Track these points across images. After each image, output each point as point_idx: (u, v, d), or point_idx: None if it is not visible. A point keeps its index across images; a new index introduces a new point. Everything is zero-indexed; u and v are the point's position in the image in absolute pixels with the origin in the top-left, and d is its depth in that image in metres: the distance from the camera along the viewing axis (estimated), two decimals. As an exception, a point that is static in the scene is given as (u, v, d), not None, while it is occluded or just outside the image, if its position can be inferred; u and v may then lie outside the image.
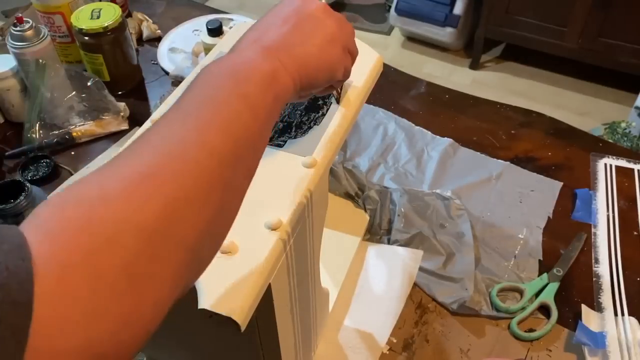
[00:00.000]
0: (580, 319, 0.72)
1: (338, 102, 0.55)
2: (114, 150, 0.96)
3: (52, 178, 0.92)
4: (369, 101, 0.98)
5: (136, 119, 1.02)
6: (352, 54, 0.47)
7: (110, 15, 1.00)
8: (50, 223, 0.26)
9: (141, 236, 0.27)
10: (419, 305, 0.76)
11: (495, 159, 0.94)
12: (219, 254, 0.42)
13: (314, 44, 0.42)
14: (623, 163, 0.92)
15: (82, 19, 0.99)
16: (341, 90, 0.55)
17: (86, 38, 1.00)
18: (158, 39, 1.19)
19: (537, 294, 0.75)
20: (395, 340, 0.72)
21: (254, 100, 0.35)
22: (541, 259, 0.80)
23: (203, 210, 0.31)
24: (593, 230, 0.83)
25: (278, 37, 0.41)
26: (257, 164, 0.37)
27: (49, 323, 0.23)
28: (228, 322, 0.39)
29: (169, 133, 0.32)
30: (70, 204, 0.27)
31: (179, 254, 0.29)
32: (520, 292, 0.76)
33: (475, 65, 2.42)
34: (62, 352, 0.24)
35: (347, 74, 0.48)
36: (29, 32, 0.94)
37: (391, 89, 1.07)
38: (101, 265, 0.25)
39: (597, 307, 0.74)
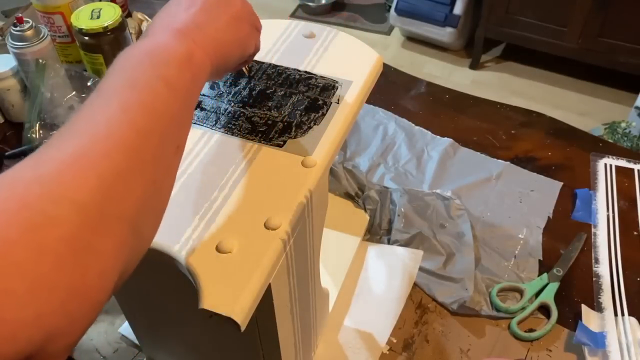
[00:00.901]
0: (580, 319, 0.72)
1: (249, 76, 0.58)
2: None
3: (52, 178, 0.92)
4: (369, 101, 0.98)
5: (136, 119, 1.02)
6: (258, 28, 0.50)
7: (110, 15, 1.00)
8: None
9: (79, 211, 0.28)
10: (419, 305, 0.76)
11: (495, 159, 0.94)
12: (219, 254, 0.43)
13: (223, 22, 0.44)
14: (623, 163, 0.92)
15: (82, 19, 0.99)
16: (250, 66, 0.58)
17: (86, 38, 1.00)
18: (158, 39, 1.19)
19: (537, 294, 0.75)
20: (395, 340, 0.72)
21: (173, 80, 0.37)
22: (541, 259, 0.80)
23: (136, 184, 0.32)
24: (593, 230, 0.83)
25: (189, 18, 0.42)
26: (184, 141, 0.39)
27: None
28: (228, 322, 0.39)
29: (94, 116, 0.33)
30: (5, 185, 0.28)
31: (118, 226, 0.30)
32: (520, 292, 0.76)
33: (475, 65, 2.42)
34: (11, 323, 0.24)
35: (257, 48, 0.51)
36: (29, 32, 0.94)
37: (391, 89, 1.07)
38: (43, 239, 0.26)
39: (597, 307, 0.74)
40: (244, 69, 0.57)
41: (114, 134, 0.32)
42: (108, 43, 1.01)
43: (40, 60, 0.95)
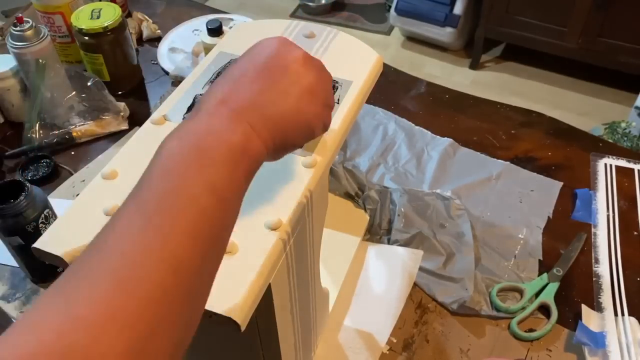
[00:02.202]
0: (580, 319, 0.72)
1: None
2: (113, 151, 0.96)
3: (52, 178, 0.92)
4: (369, 101, 0.98)
5: (136, 118, 1.02)
6: (331, 105, 0.43)
7: (110, 15, 1.00)
8: (30, 355, 0.24)
9: None
10: (419, 305, 0.76)
11: (495, 159, 0.94)
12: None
13: (290, 102, 0.38)
14: (623, 163, 0.92)
15: (82, 19, 0.99)
16: None
17: (86, 38, 1.00)
18: (158, 39, 1.19)
19: (537, 294, 0.75)
20: (395, 340, 0.72)
21: (222, 185, 0.32)
22: (541, 259, 0.80)
23: (174, 330, 0.29)
24: (593, 230, 0.83)
25: (249, 95, 0.36)
26: (228, 241, 0.34)
27: None
28: (228, 322, 0.39)
29: (128, 246, 0.28)
30: (46, 333, 0.25)
31: None
32: (520, 292, 0.76)
33: (475, 65, 2.42)
34: None
35: (325, 129, 0.43)
36: (29, 32, 0.94)
37: (391, 89, 1.07)
38: None
39: (597, 307, 0.74)
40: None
41: (149, 279, 0.28)
42: (108, 43, 1.01)
43: (40, 60, 0.95)
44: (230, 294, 0.40)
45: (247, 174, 0.35)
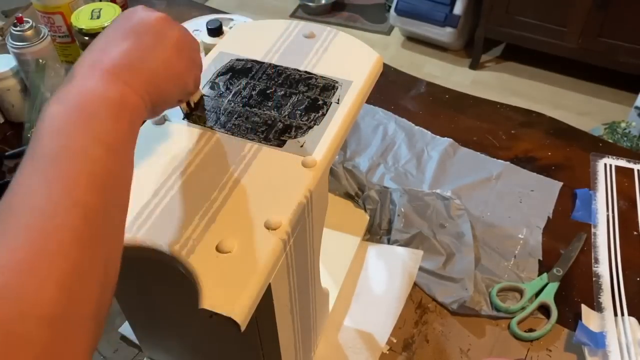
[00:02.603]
0: (580, 319, 0.72)
1: (187, 117, 0.53)
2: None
3: (52, 178, 0.92)
4: (369, 101, 0.98)
5: (136, 119, 1.02)
6: (198, 63, 0.46)
7: (110, 15, 1.00)
8: None
9: (47, 325, 0.27)
10: (419, 305, 0.76)
11: (495, 159, 0.94)
12: (219, 253, 0.43)
13: (158, 57, 0.40)
14: (623, 163, 0.92)
15: (82, 19, 0.99)
16: (191, 103, 0.53)
17: (86, 38, 1.00)
18: (158, 39, 1.19)
19: (537, 294, 0.75)
20: (395, 340, 0.72)
21: (109, 137, 0.34)
22: (541, 259, 0.80)
23: (94, 273, 0.30)
24: (593, 230, 0.83)
25: (119, 56, 0.38)
26: (129, 195, 0.36)
27: None
28: (228, 322, 0.39)
29: (35, 202, 0.30)
30: None
31: (85, 325, 0.29)
32: (520, 292, 0.76)
33: (475, 65, 2.42)
34: None
35: (197, 84, 0.47)
36: (29, 32, 0.94)
37: (391, 89, 1.07)
38: None
39: (597, 307, 0.74)
40: (182, 107, 0.53)
41: (63, 225, 0.29)
42: (108, 43, 1.01)
43: (40, 60, 0.95)
44: (230, 294, 0.40)
45: (130, 127, 0.37)
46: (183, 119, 0.54)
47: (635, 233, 0.83)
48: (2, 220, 0.29)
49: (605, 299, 0.75)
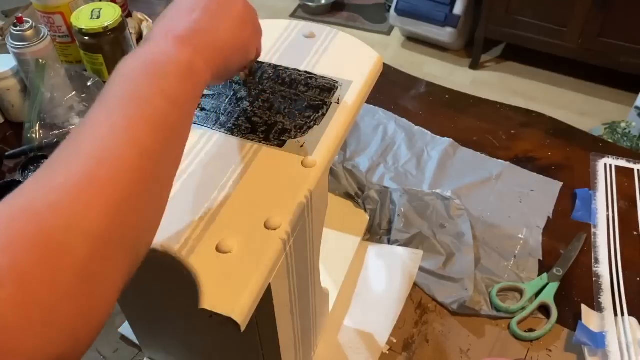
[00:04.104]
0: (580, 319, 0.72)
1: (245, 83, 0.57)
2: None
3: (52, 178, 0.92)
4: (369, 101, 0.98)
5: (136, 119, 1.02)
6: (260, 31, 0.49)
7: (110, 15, 1.00)
8: (5, 236, 0.27)
9: (89, 240, 0.29)
10: (419, 305, 0.76)
11: (495, 159, 0.94)
12: (219, 253, 0.43)
13: (226, 27, 0.43)
14: (623, 163, 0.92)
15: (82, 19, 0.99)
16: (251, 70, 0.57)
17: (86, 38, 1.00)
18: (158, 39, 1.19)
19: (537, 294, 0.75)
20: (395, 340, 0.72)
21: (174, 93, 0.37)
22: (541, 259, 0.80)
23: (140, 206, 0.33)
24: (593, 230, 0.83)
25: (189, 24, 0.41)
26: (182, 152, 0.39)
27: (11, 325, 0.25)
28: (228, 322, 0.39)
29: (98, 135, 0.33)
30: (20, 215, 0.28)
31: (122, 252, 0.31)
32: (520, 292, 0.76)
33: (475, 65, 2.42)
34: (27, 351, 0.26)
35: (259, 53, 0.50)
36: (29, 32, 0.94)
37: (391, 89, 1.07)
38: (56, 270, 0.27)
39: (597, 307, 0.74)
40: (240, 75, 0.57)
41: (119, 156, 0.32)
42: (108, 43, 1.01)
43: (40, 60, 0.95)
44: (230, 294, 0.40)
45: (193, 89, 0.39)
46: (240, 85, 0.56)
47: (635, 233, 0.83)
48: (69, 146, 0.32)
49: (605, 299, 0.75)
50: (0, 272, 0.26)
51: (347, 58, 0.60)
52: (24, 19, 0.95)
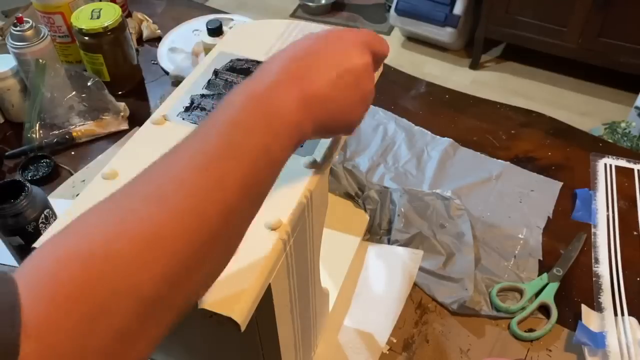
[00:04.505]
0: (580, 319, 0.72)
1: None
2: (113, 151, 0.96)
3: (52, 178, 0.92)
4: (369, 101, 0.98)
5: (136, 119, 1.02)
6: (368, 109, 0.46)
7: (110, 15, 1.00)
8: (48, 282, 0.25)
9: (138, 303, 0.27)
10: (419, 305, 0.76)
11: (495, 159, 0.94)
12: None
13: (349, 103, 0.41)
14: (623, 163, 0.92)
15: (82, 19, 0.99)
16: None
17: (86, 38, 1.00)
18: (158, 39, 1.19)
19: (537, 294, 0.75)
20: (395, 340, 0.72)
21: (275, 153, 0.35)
22: (541, 259, 0.80)
23: (203, 272, 0.31)
24: (593, 230, 0.83)
25: (322, 88, 0.39)
26: (259, 207, 0.36)
27: None
28: (228, 322, 0.39)
29: (189, 176, 0.30)
30: (71, 261, 0.26)
31: (171, 314, 0.29)
32: (520, 292, 0.76)
33: (475, 65, 2.42)
34: None
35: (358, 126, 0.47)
36: (29, 32, 0.94)
37: (391, 89, 1.07)
38: (92, 332, 0.25)
39: (597, 307, 0.74)
40: None
41: (201, 213, 0.29)
42: (108, 43, 1.01)
43: (40, 60, 0.95)
44: (230, 294, 0.40)
45: (294, 148, 0.38)
46: None
47: (635, 233, 0.83)
48: (153, 179, 0.30)
49: (605, 299, 0.75)
50: (30, 323, 0.24)
51: (347, 58, 0.60)
52: (24, 19, 0.95)
